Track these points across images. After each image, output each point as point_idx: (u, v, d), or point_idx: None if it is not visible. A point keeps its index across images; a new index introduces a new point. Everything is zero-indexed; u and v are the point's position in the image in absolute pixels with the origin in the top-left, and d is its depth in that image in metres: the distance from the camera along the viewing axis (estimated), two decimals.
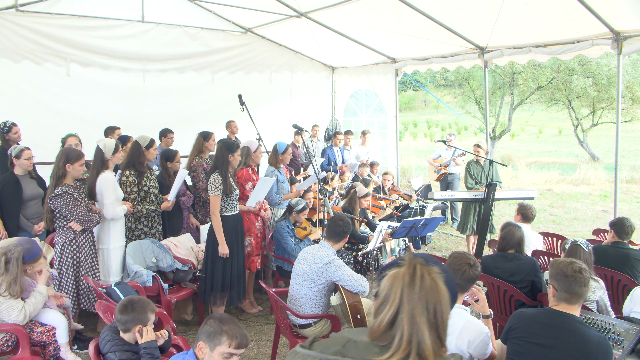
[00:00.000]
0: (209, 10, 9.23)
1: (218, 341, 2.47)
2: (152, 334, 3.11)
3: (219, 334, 2.48)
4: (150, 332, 3.10)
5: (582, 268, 2.85)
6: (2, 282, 3.73)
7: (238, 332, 2.51)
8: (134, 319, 3.05)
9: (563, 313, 2.80)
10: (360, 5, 7.52)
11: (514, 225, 4.58)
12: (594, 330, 2.79)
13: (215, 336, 2.48)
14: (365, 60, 10.47)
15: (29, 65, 7.71)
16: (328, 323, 4.23)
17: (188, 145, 6.77)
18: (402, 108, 38.02)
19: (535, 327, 2.83)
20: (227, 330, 2.48)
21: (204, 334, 2.52)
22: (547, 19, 6.68)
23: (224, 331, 2.48)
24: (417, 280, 1.48)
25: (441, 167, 9.62)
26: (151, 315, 3.11)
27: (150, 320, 3.10)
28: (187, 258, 5.56)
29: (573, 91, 19.84)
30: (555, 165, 19.74)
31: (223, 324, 2.51)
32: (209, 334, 2.49)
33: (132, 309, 3.07)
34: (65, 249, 4.62)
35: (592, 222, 10.56)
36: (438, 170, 9.67)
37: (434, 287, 1.49)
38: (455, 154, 9.52)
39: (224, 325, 2.50)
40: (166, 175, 5.98)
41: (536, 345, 2.78)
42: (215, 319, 2.55)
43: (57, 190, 4.47)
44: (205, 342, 2.49)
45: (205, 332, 2.51)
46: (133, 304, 3.11)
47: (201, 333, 2.54)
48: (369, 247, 5.92)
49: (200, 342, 2.51)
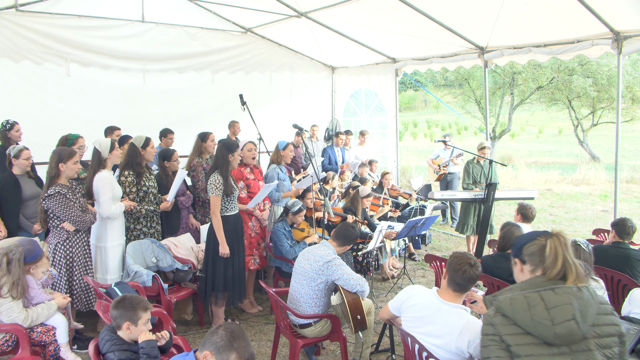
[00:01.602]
0: (209, 10, 9.24)
1: (226, 357, 2.42)
2: (148, 333, 3.10)
3: (229, 350, 2.41)
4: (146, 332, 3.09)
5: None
6: (4, 284, 3.72)
7: (248, 351, 2.44)
8: (123, 315, 3.06)
9: None
10: (361, 5, 7.52)
11: (513, 225, 4.58)
12: None
13: (224, 351, 2.41)
14: (365, 60, 10.48)
15: (29, 65, 7.72)
16: (328, 323, 4.23)
17: (188, 145, 6.77)
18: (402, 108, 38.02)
19: None
20: (237, 348, 2.42)
21: (212, 345, 2.44)
22: (547, 19, 6.68)
23: (234, 348, 2.41)
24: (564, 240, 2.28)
25: (440, 168, 9.64)
26: (142, 314, 3.08)
27: (142, 319, 3.08)
28: (187, 258, 5.56)
29: (573, 91, 19.84)
30: (555, 165, 19.74)
31: (234, 340, 2.43)
32: (218, 348, 2.42)
33: (122, 305, 3.08)
34: (59, 249, 4.61)
35: (592, 222, 10.57)
36: (437, 170, 9.69)
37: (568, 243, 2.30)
38: (453, 154, 9.55)
39: (235, 341, 2.43)
40: (164, 174, 5.97)
41: None
42: (226, 331, 2.46)
43: (50, 190, 4.45)
44: (213, 353, 2.43)
45: (214, 343, 2.44)
46: (124, 300, 3.12)
47: (209, 342, 2.46)
48: (369, 247, 5.92)
49: (207, 352, 2.44)
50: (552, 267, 2.20)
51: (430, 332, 3.04)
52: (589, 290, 2.16)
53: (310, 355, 4.62)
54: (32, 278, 3.96)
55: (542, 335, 2.06)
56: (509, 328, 2.13)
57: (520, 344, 2.08)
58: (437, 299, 3.06)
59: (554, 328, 2.04)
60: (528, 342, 2.09)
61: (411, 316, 3.20)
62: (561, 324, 2.05)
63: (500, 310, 2.20)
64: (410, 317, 3.21)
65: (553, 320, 2.06)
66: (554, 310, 2.06)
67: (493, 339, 2.16)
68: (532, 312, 2.09)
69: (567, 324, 2.05)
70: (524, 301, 2.14)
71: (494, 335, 2.16)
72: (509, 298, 2.19)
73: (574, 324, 2.05)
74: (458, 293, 3.04)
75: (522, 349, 2.09)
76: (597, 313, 2.13)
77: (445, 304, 3.02)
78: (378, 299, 6.20)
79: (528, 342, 2.09)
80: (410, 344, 3.17)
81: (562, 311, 2.06)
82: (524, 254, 2.34)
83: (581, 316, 2.07)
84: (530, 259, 2.33)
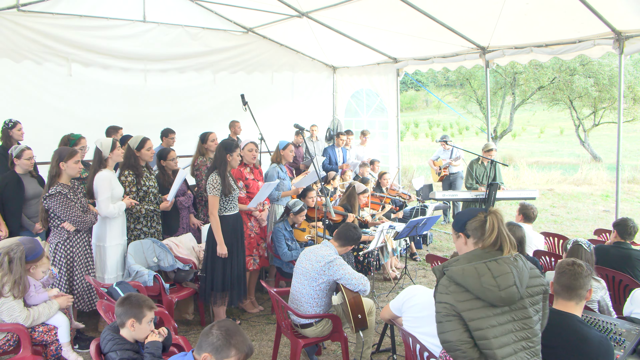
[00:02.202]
0: (210, 10, 9.24)
1: (226, 355, 2.41)
2: (154, 334, 3.12)
3: (227, 348, 2.40)
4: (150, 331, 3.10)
5: (576, 262, 2.87)
6: (5, 282, 3.71)
7: (246, 344, 2.44)
8: (128, 312, 3.06)
9: (564, 313, 2.80)
10: (362, 5, 7.52)
11: (514, 225, 4.56)
12: (595, 330, 2.78)
13: (223, 350, 2.40)
14: (366, 60, 10.48)
15: (31, 65, 7.73)
16: (329, 323, 4.23)
17: (189, 145, 6.78)
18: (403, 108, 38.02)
19: None
20: (236, 344, 2.42)
21: (209, 346, 2.43)
22: (549, 19, 6.67)
23: (232, 345, 2.41)
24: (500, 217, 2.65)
25: (440, 170, 9.67)
26: (147, 312, 3.09)
27: (146, 317, 3.09)
28: (189, 258, 5.56)
29: (574, 91, 19.85)
30: (557, 165, 19.71)
31: (230, 337, 2.43)
32: (216, 348, 2.41)
33: (128, 302, 3.10)
34: (59, 249, 4.61)
35: (593, 222, 10.55)
36: (438, 172, 9.72)
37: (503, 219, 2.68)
38: (452, 155, 9.57)
39: (232, 338, 2.42)
40: (161, 174, 5.97)
41: None
42: (220, 330, 2.45)
43: (51, 190, 4.46)
44: (212, 354, 2.42)
45: (211, 344, 2.42)
46: (130, 298, 3.13)
47: (205, 343, 2.44)
48: (370, 247, 5.92)
49: (206, 354, 2.43)
50: (489, 239, 2.60)
51: (431, 332, 3.03)
52: (522, 259, 2.59)
53: (311, 355, 4.62)
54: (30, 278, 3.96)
55: (490, 299, 2.48)
56: (461, 295, 2.53)
57: (471, 309, 2.50)
58: None
59: (500, 293, 2.46)
60: (478, 306, 2.50)
61: (412, 316, 3.19)
62: (505, 289, 2.46)
63: (453, 279, 2.57)
64: (411, 317, 3.21)
65: (499, 287, 2.47)
66: (499, 279, 2.48)
67: (447, 310, 2.55)
68: (481, 280, 2.49)
69: (510, 289, 2.47)
70: (475, 271, 2.52)
71: (446, 303, 2.55)
72: (461, 269, 2.56)
73: (515, 288, 2.48)
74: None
75: (473, 312, 2.49)
76: (529, 277, 2.56)
77: None
78: (379, 299, 6.20)
79: (478, 306, 2.50)
80: (411, 344, 3.17)
81: (505, 279, 2.48)
82: (468, 229, 2.70)
83: (519, 281, 2.50)
84: (473, 233, 2.68)
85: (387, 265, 6.93)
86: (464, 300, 2.51)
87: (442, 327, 2.57)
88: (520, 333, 2.50)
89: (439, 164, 9.82)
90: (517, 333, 2.49)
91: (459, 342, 2.49)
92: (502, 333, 2.47)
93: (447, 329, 2.54)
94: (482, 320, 2.48)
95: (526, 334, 2.51)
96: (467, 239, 2.72)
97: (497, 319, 2.48)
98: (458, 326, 2.51)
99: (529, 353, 2.50)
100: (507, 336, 2.47)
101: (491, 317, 2.48)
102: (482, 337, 2.47)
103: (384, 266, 6.92)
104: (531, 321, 2.52)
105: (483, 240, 2.62)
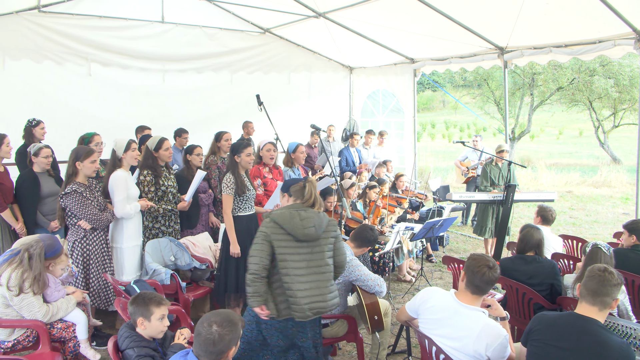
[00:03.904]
0: (228, 10, 9.29)
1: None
2: (181, 337, 3.27)
3: (227, 346, 2.64)
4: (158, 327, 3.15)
5: (608, 269, 2.82)
6: (25, 279, 3.77)
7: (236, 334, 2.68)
8: (136, 311, 3.09)
9: (585, 317, 2.77)
10: (379, 5, 7.50)
11: (533, 227, 4.52)
12: (616, 335, 2.74)
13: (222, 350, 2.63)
14: (383, 61, 10.45)
15: (51, 66, 7.85)
16: (345, 323, 4.22)
17: (205, 145, 6.80)
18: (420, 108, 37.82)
19: (556, 329, 2.80)
20: (232, 340, 2.64)
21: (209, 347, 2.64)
22: (568, 19, 6.59)
23: (233, 340, 2.65)
24: (315, 184, 3.68)
25: (468, 170, 9.51)
26: (155, 309, 3.09)
27: (155, 315, 3.09)
28: (205, 257, 5.59)
29: (594, 92, 19.57)
30: (576, 167, 19.47)
31: (227, 335, 2.65)
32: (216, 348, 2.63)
33: (135, 301, 3.13)
34: (76, 247, 4.66)
35: (612, 225, 10.40)
36: (465, 173, 9.56)
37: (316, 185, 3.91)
38: (482, 157, 9.34)
39: (229, 335, 2.64)
40: (186, 168, 6.03)
41: (556, 348, 2.75)
42: (216, 329, 2.64)
43: (67, 188, 4.52)
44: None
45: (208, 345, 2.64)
46: (138, 297, 3.16)
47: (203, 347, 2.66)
48: (386, 248, 5.90)
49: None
50: (308, 199, 3.58)
51: (447, 335, 3.02)
52: (324, 214, 3.54)
53: (326, 355, 4.61)
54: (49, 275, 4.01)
55: (297, 235, 3.37)
56: (276, 230, 3.39)
57: (281, 240, 3.38)
58: (455, 301, 3.04)
59: (304, 230, 3.37)
60: (287, 239, 3.38)
61: (428, 318, 3.18)
62: (308, 228, 3.37)
63: (273, 219, 3.41)
64: (427, 319, 3.19)
65: (304, 226, 3.37)
66: (304, 221, 3.39)
67: (263, 237, 3.39)
68: (292, 221, 3.39)
69: (310, 229, 3.38)
70: (289, 214, 3.42)
71: (264, 232, 3.40)
72: (280, 213, 3.45)
73: (314, 229, 3.40)
74: (476, 295, 3.02)
75: (282, 243, 3.38)
76: (326, 225, 3.49)
77: (463, 307, 3.00)
78: (395, 301, 6.18)
79: (287, 239, 3.38)
80: (427, 346, 3.15)
81: (308, 222, 3.40)
82: (291, 191, 3.63)
83: (318, 225, 3.42)
84: (295, 194, 3.61)
85: (403, 267, 6.90)
86: (277, 233, 3.37)
87: (254, 248, 3.39)
88: (314, 262, 3.43)
89: (467, 165, 9.67)
90: (311, 262, 3.42)
91: (260, 262, 3.33)
92: (299, 260, 3.39)
93: (257, 249, 3.37)
94: (286, 249, 3.38)
95: (318, 263, 3.44)
96: (289, 198, 3.66)
97: (298, 250, 3.39)
98: (265, 249, 3.35)
99: (319, 276, 3.42)
100: (302, 262, 3.38)
101: (294, 248, 3.38)
102: (283, 259, 3.37)
103: (400, 267, 6.89)
104: (323, 254, 3.47)
105: (302, 199, 3.57)
